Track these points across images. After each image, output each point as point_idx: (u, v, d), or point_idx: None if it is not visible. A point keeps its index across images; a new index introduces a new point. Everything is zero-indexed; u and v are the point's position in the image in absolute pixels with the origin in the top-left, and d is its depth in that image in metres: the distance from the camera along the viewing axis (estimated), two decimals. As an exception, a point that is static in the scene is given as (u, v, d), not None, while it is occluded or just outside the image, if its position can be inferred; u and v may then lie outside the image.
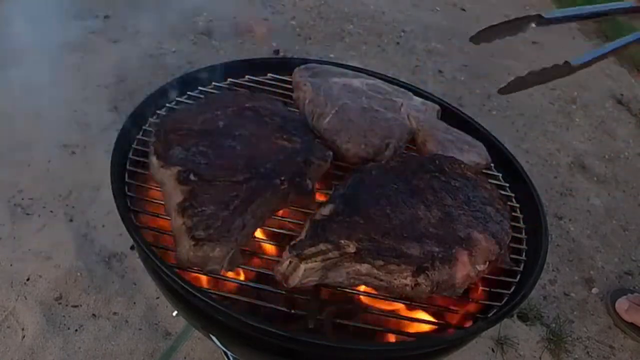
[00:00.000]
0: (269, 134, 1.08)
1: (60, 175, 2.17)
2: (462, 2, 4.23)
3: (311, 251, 0.84)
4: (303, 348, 0.85)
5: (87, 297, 1.77)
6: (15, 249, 1.87)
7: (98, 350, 1.64)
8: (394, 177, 1.02)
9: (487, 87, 3.26)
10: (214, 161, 0.98)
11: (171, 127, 1.05)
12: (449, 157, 1.10)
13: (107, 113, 2.50)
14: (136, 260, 1.90)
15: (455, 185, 1.03)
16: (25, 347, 1.61)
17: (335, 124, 1.16)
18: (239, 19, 3.41)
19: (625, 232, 2.49)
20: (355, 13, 3.76)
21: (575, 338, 1.97)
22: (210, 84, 1.31)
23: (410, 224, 0.92)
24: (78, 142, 2.32)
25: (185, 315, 1.03)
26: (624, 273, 2.28)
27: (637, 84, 3.65)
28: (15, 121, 2.37)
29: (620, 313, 2.02)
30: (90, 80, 2.67)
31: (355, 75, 1.36)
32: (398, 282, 0.86)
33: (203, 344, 1.69)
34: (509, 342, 1.89)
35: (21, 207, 2.02)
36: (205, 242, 0.86)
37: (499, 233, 0.96)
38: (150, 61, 2.90)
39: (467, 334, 0.90)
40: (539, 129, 3.04)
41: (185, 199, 0.91)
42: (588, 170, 2.81)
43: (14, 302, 1.72)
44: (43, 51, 2.82)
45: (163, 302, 1.78)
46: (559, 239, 2.37)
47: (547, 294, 2.11)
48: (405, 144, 1.21)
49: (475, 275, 0.91)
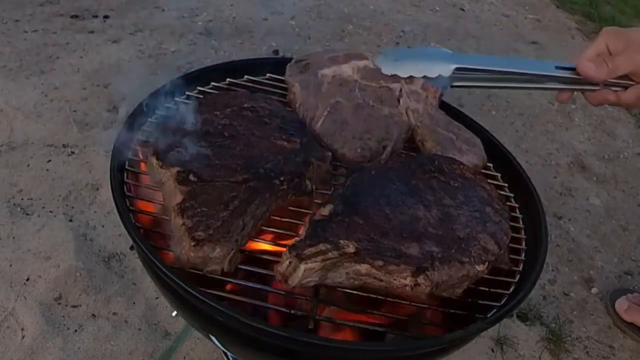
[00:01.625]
0: (268, 134, 1.08)
1: (60, 175, 2.17)
2: (461, 2, 4.24)
3: (311, 251, 0.84)
4: (303, 348, 0.85)
5: (86, 297, 1.77)
6: (15, 249, 1.87)
7: (98, 350, 1.64)
8: (393, 177, 1.02)
9: (486, 87, 3.26)
10: (213, 161, 0.98)
11: (170, 128, 1.05)
12: (448, 157, 1.10)
13: (107, 113, 2.50)
14: (136, 261, 1.90)
15: (454, 185, 1.03)
16: (25, 347, 1.61)
17: (328, 127, 1.12)
18: (239, 19, 3.41)
19: (625, 232, 2.49)
20: (355, 13, 3.76)
21: (574, 338, 1.97)
22: (210, 84, 1.31)
23: (409, 224, 0.92)
24: (77, 142, 2.32)
25: (185, 316, 1.03)
26: (624, 273, 2.28)
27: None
28: (15, 121, 2.38)
29: (620, 313, 2.02)
30: (90, 80, 2.67)
31: (345, 57, 1.26)
32: (398, 282, 0.86)
33: (202, 344, 1.69)
34: (508, 342, 1.89)
35: (20, 207, 2.02)
36: (205, 242, 0.86)
37: (498, 233, 0.96)
38: (149, 61, 2.90)
39: (467, 334, 0.90)
40: (539, 128, 3.04)
41: (185, 199, 0.91)
42: (588, 170, 2.82)
43: (13, 302, 1.72)
44: (42, 51, 2.83)
45: (162, 302, 1.78)
46: (559, 238, 2.37)
47: (546, 294, 2.11)
48: (403, 143, 1.17)
49: (475, 276, 0.91)
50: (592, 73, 0.83)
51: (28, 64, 2.72)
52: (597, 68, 0.83)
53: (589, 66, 0.83)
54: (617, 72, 0.84)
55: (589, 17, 4.41)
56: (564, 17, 4.40)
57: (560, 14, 4.44)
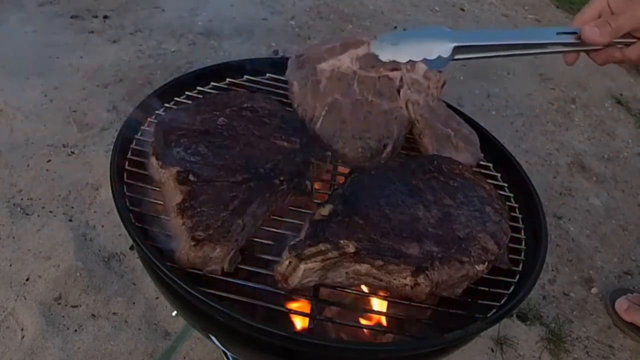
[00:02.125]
0: (268, 134, 1.08)
1: (60, 175, 2.17)
2: (461, 2, 4.24)
3: (311, 251, 0.84)
4: (303, 348, 0.85)
5: (86, 297, 1.77)
6: (15, 249, 1.87)
7: (97, 350, 1.64)
8: (393, 177, 1.02)
9: (486, 86, 3.26)
10: (212, 161, 0.98)
11: (170, 128, 1.05)
12: (447, 157, 1.10)
13: (106, 113, 2.50)
14: (136, 261, 1.90)
15: (454, 185, 1.03)
16: (25, 348, 1.61)
17: (327, 128, 1.11)
18: (239, 19, 3.41)
19: (625, 231, 2.49)
20: (355, 13, 3.76)
21: (574, 338, 1.97)
22: (209, 84, 1.31)
23: (409, 224, 0.92)
24: (77, 142, 2.33)
25: (185, 315, 1.03)
26: (624, 273, 2.28)
27: (636, 84, 3.65)
28: (15, 121, 2.38)
29: (620, 313, 2.02)
30: (90, 80, 2.68)
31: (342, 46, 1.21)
32: (397, 282, 0.86)
33: (202, 344, 1.69)
34: (508, 342, 1.89)
35: (20, 207, 2.02)
36: (205, 242, 0.86)
37: (498, 233, 0.96)
38: (149, 61, 2.90)
39: (467, 334, 0.90)
40: (539, 128, 3.04)
41: (185, 199, 0.91)
42: (587, 170, 2.82)
43: (13, 302, 1.72)
44: (42, 51, 2.82)
45: (162, 302, 1.78)
46: (559, 238, 2.37)
47: (546, 294, 2.11)
48: (404, 138, 1.16)
49: (475, 275, 0.91)
50: (597, 38, 0.81)
51: (28, 64, 2.72)
52: (601, 31, 0.80)
53: (593, 31, 0.81)
54: (621, 31, 0.81)
55: (589, 17, 4.41)
56: (563, 17, 4.40)
57: (559, 14, 4.44)
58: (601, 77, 3.58)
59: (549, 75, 3.49)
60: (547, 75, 3.49)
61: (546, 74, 3.49)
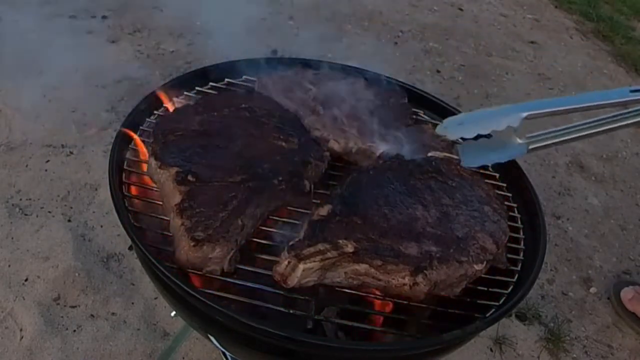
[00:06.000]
0: (266, 134, 1.08)
1: (58, 175, 2.16)
2: (459, 2, 4.24)
3: (309, 251, 0.84)
4: (302, 348, 0.85)
5: (85, 298, 1.77)
6: (13, 249, 1.87)
7: (96, 350, 1.64)
8: (391, 177, 1.02)
9: (484, 86, 3.26)
10: (211, 162, 0.98)
11: (169, 128, 1.05)
12: (446, 158, 1.10)
13: (105, 113, 2.49)
14: (134, 261, 1.90)
15: (452, 185, 1.03)
16: (24, 348, 1.61)
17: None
18: (237, 19, 3.41)
19: (624, 231, 2.49)
20: (353, 13, 3.76)
21: (573, 337, 1.97)
22: (208, 85, 1.31)
23: (408, 224, 0.92)
24: (76, 142, 2.32)
25: (184, 316, 1.03)
26: (622, 272, 2.28)
27: (635, 84, 3.65)
28: (14, 121, 2.37)
29: (624, 301, 2.03)
30: (88, 81, 2.67)
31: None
32: (396, 281, 0.86)
33: (201, 344, 1.69)
34: (507, 342, 1.89)
35: (19, 208, 2.01)
36: (204, 242, 0.86)
37: (497, 232, 0.96)
38: (148, 61, 2.89)
39: (465, 334, 0.90)
40: (538, 128, 3.04)
41: (184, 199, 0.91)
42: (586, 170, 2.82)
43: (12, 303, 1.72)
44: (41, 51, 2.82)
45: (161, 302, 1.78)
46: (557, 238, 2.37)
47: (545, 294, 2.12)
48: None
49: (473, 275, 0.91)
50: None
51: (27, 64, 2.71)
52: None
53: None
54: None
55: (587, 16, 4.41)
56: (562, 17, 4.40)
57: (558, 14, 4.45)
58: (600, 77, 3.58)
59: (548, 75, 3.49)
60: (546, 75, 3.49)
61: (545, 74, 3.50)
